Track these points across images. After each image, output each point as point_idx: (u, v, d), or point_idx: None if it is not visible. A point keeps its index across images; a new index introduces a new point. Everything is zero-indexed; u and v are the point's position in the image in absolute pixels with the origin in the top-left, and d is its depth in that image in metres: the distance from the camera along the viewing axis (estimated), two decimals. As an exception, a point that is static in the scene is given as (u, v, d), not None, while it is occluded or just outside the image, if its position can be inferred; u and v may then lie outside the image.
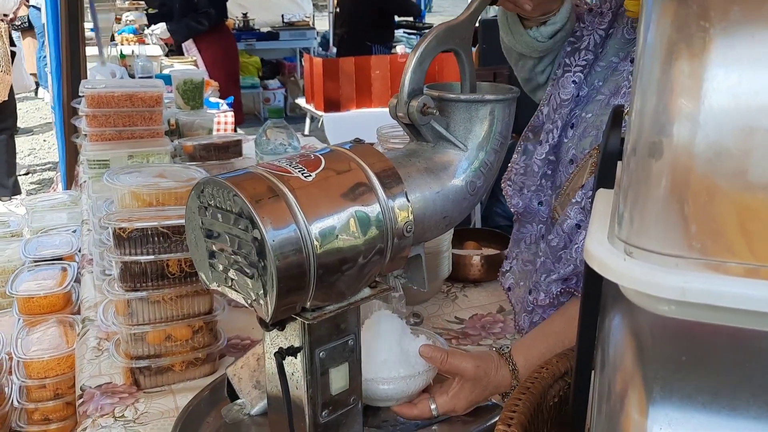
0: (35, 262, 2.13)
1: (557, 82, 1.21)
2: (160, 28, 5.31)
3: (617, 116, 0.56)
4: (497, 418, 0.91)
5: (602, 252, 0.42)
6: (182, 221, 1.11)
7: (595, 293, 0.58)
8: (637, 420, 0.44)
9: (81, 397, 1.19)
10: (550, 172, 1.22)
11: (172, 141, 2.14)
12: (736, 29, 0.37)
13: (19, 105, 6.25)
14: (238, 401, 1.04)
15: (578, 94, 1.19)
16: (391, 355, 1.02)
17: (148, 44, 5.22)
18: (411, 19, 8.79)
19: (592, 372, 0.63)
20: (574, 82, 1.19)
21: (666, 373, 0.44)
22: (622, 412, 0.46)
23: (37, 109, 8.29)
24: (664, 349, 0.46)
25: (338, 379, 0.88)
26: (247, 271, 0.78)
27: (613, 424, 0.48)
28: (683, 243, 0.39)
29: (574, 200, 1.09)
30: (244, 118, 5.85)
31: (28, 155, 6.53)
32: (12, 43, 5.49)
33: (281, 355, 0.83)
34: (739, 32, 0.37)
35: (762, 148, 0.37)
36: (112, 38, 5.46)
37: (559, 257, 1.12)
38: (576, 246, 1.07)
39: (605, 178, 0.54)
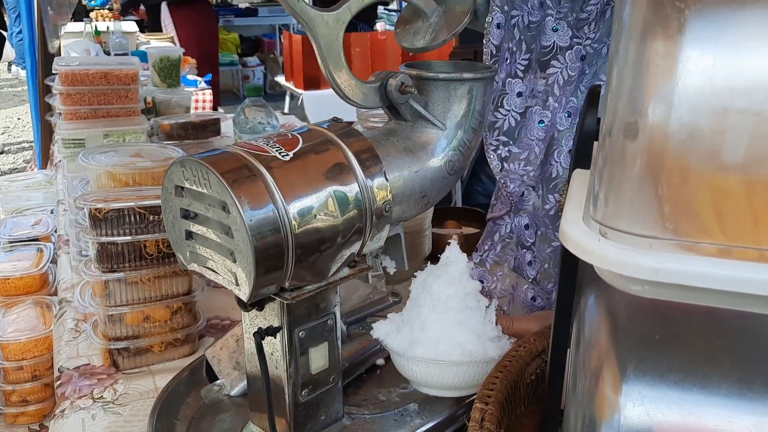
0: (10, 242, 2.10)
1: (563, 54, 1.14)
2: None
3: (593, 96, 0.56)
4: (475, 396, 0.93)
5: (577, 233, 0.42)
6: (159, 201, 1.10)
7: (571, 273, 0.59)
8: (611, 397, 0.45)
9: (59, 378, 1.18)
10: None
11: (149, 119, 2.11)
12: (710, 11, 0.37)
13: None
14: (218, 382, 1.04)
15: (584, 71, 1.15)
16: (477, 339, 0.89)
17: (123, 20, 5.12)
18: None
19: (568, 350, 0.64)
20: (582, 57, 1.14)
21: (639, 352, 0.45)
22: (597, 390, 0.47)
23: (10, 86, 8.13)
24: (638, 327, 0.47)
25: (318, 358, 0.88)
26: (225, 251, 0.77)
27: (587, 401, 0.49)
28: (657, 224, 0.39)
29: None
30: (221, 100, 5.76)
31: (2, 134, 6.42)
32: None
33: (260, 335, 0.83)
34: (714, 14, 0.37)
35: (735, 129, 0.37)
36: (87, 14, 5.35)
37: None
38: None
39: (581, 158, 0.54)
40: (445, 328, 0.89)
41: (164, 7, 5.30)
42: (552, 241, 1.14)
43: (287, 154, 0.79)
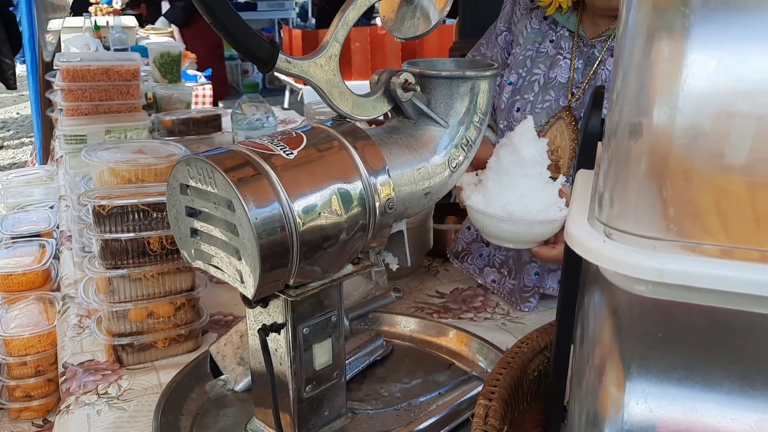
0: (12, 238, 2.11)
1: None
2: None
3: (598, 97, 0.56)
4: (478, 390, 0.93)
5: (582, 234, 0.43)
6: (163, 198, 1.11)
7: (575, 271, 0.60)
8: (615, 394, 0.46)
9: (63, 374, 1.19)
10: None
11: (150, 115, 2.12)
12: (715, 15, 0.37)
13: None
14: (222, 377, 1.04)
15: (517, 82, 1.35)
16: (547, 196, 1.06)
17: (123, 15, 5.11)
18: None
19: (572, 347, 0.65)
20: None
21: (643, 350, 0.46)
22: (600, 386, 0.48)
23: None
24: (642, 326, 0.47)
25: (322, 354, 0.89)
26: (230, 249, 0.78)
27: (591, 398, 0.50)
28: (661, 225, 0.40)
29: None
30: (228, 91, 5.76)
31: (1, 128, 6.41)
32: None
33: (264, 331, 0.84)
34: (719, 18, 0.37)
35: (739, 132, 0.38)
36: (86, 8, 5.34)
37: None
38: None
39: (585, 158, 0.55)
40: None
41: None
42: None
43: (291, 153, 0.80)
